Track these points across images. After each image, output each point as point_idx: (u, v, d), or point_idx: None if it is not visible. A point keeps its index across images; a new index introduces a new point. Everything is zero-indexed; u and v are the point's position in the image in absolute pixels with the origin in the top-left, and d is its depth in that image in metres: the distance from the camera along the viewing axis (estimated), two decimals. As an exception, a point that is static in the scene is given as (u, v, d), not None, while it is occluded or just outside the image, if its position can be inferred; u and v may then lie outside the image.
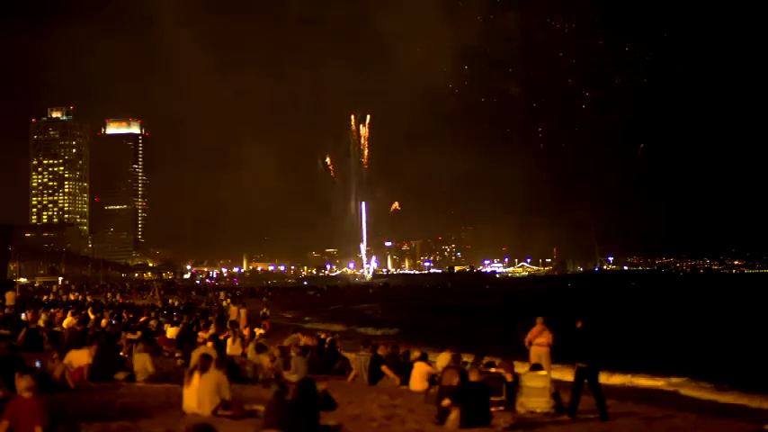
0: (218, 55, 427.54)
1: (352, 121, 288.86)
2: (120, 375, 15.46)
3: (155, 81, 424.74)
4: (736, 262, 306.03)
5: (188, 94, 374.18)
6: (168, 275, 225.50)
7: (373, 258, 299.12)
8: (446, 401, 11.59)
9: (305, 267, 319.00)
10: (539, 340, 17.49)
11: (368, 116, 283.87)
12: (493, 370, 14.78)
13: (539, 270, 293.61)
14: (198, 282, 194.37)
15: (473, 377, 12.51)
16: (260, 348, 18.68)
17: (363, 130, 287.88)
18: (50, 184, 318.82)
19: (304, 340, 22.20)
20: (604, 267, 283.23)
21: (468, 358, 17.23)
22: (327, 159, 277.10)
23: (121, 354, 17.40)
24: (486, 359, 17.01)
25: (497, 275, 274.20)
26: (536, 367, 14.63)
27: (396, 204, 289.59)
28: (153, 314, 33.12)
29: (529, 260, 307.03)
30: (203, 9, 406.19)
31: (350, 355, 19.36)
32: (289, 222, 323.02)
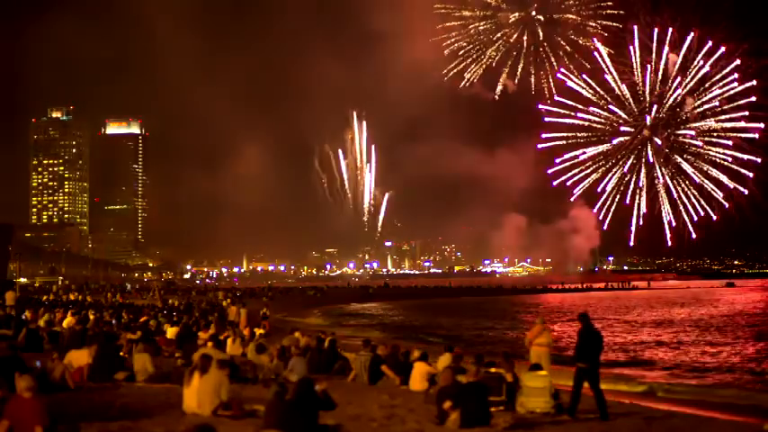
0: (219, 55, 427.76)
1: (351, 119, 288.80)
2: (120, 375, 15.46)
3: (154, 81, 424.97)
4: (736, 262, 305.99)
5: (188, 95, 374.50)
6: (168, 275, 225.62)
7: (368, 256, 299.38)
8: (447, 404, 11.59)
9: (305, 267, 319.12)
10: (539, 340, 17.50)
11: (364, 122, 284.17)
12: (493, 370, 14.80)
13: (539, 270, 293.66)
14: (198, 282, 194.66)
15: (471, 377, 12.52)
16: (260, 348, 18.70)
17: (361, 129, 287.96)
18: (50, 184, 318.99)
19: (304, 340, 22.23)
20: (604, 267, 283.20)
21: (469, 358, 17.25)
22: (324, 173, 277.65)
23: (121, 354, 17.40)
24: (487, 359, 17.04)
25: (497, 275, 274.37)
26: (536, 367, 14.64)
27: (395, 222, 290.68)
28: (153, 314, 33.12)
29: (529, 260, 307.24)
30: (202, 9, 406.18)
31: (350, 355, 19.37)
32: (289, 222, 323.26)
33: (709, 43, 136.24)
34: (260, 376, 16.54)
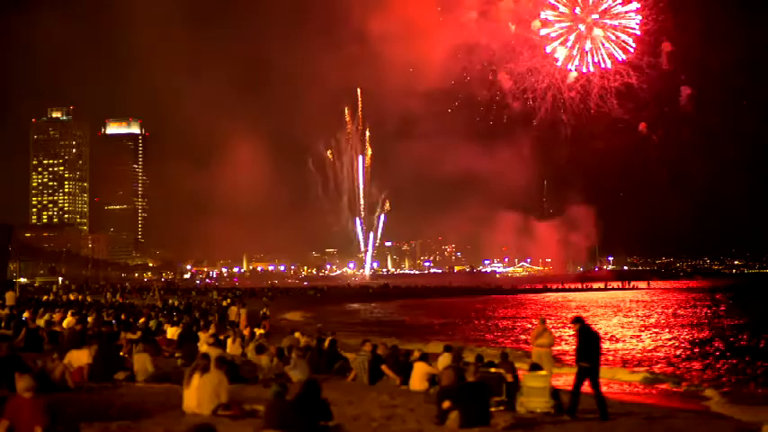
0: (219, 55, 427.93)
1: (347, 119, 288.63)
2: (120, 375, 15.46)
3: (154, 81, 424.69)
4: (736, 262, 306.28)
5: (188, 95, 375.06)
6: (168, 275, 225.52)
7: (370, 255, 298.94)
8: (446, 404, 11.58)
9: (305, 267, 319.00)
10: (540, 341, 17.52)
11: (360, 122, 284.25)
12: (493, 370, 14.81)
13: (539, 270, 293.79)
14: (198, 282, 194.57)
15: (470, 377, 12.51)
16: (260, 349, 18.70)
17: (357, 129, 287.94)
18: (50, 184, 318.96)
19: (304, 340, 22.24)
20: (604, 267, 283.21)
21: (469, 358, 17.26)
22: (318, 173, 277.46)
23: (121, 354, 17.40)
24: (487, 359, 17.05)
25: (497, 275, 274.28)
26: (535, 367, 14.65)
27: (387, 205, 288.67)
28: (153, 314, 33.09)
29: (529, 260, 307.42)
30: (202, 10, 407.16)
31: (350, 355, 19.36)
32: (289, 222, 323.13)
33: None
34: (260, 376, 16.54)
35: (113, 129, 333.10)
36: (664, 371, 24.72)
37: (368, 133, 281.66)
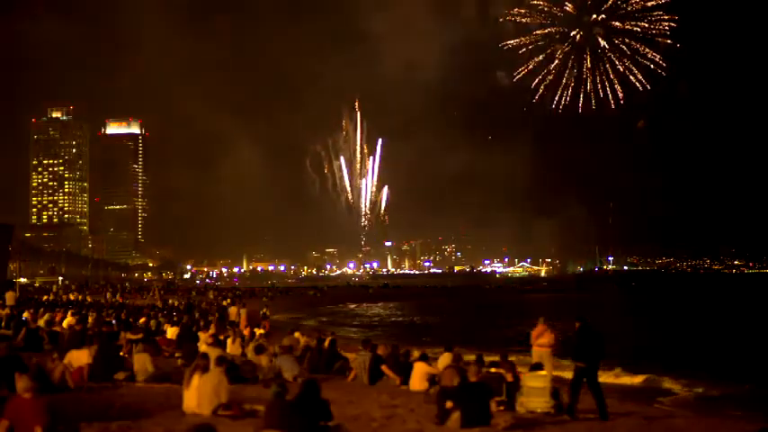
0: (218, 56, 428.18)
1: (346, 120, 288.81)
2: (120, 375, 15.46)
3: (154, 81, 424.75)
4: (736, 262, 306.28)
5: (188, 95, 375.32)
6: (168, 275, 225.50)
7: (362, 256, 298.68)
8: (449, 404, 11.57)
9: (305, 267, 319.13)
10: (540, 341, 17.50)
11: (359, 122, 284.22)
12: (494, 370, 14.80)
13: (539, 270, 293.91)
14: (198, 282, 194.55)
15: (471, 377, 12.51)
16: (259, 349, 18.69)
17: (356, 129, 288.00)
18: (50, 184, 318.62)
19: (304, 340, 22.24)
20: (604, 267, 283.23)
21: (469, 358, 17.25)
22: (316, 173, 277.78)
23: (121, 354, 17.39)
24: (488, 359, 17.04)
25: (497, 275, 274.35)
26: (536, 367, 14.64)
27: (386, 217, 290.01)
28: (153, 314, 33.06)
29: (529, 260, 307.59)
30: (202, 11, 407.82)
31: (350, 355, 19.36)
32: (288, 222, 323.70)
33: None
34: (260, 376, 16.53)
35: (113, 129, 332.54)
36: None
37: (366, 148, 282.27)
